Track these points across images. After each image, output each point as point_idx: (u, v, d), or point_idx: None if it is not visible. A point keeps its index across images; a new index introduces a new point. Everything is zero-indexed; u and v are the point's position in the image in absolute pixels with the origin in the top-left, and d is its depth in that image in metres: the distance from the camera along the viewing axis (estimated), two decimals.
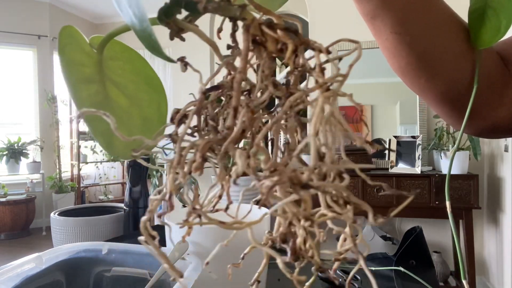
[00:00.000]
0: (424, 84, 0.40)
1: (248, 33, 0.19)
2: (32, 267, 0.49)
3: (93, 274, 0.55)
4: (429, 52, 0.38)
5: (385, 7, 0.35)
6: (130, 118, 0.26)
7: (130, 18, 0.20)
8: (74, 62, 0.25)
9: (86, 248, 0.56)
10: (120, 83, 0.26)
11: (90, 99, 0.24)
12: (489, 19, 0.33)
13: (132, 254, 0.54)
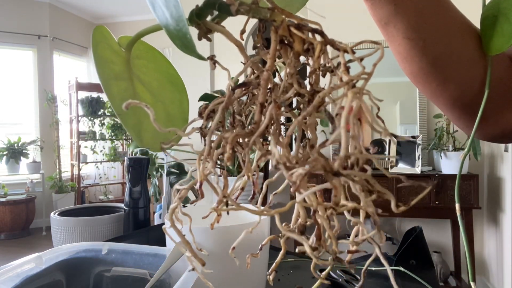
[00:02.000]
0: (436, 89, 0.41)
1: (277, 34, 0.20)
2: (32, 267, 0.49)
3: (93, 274, 0.55)
4: (441, 57, 0.38)
5: (398, 13, 0.36)
6: (156, 114, 0.27)
7: (165, 19, 0.21)
8: (105, 59, 0.26)
9: (86, 248, 0.56)
10: (145, 80, 0.28)
11: (120, 95, 0.26)
12: (501, 25, 0.34)
13: (132, 254, 0.54)
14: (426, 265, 0.70)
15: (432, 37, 0.37)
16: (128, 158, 0.96)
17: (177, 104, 0.29)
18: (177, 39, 0.21)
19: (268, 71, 0.19)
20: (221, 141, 0.19)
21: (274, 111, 0.19)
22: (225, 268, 0.54)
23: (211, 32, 0.22)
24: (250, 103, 0.22)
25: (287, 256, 0.83)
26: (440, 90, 0.41)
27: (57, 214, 0.97)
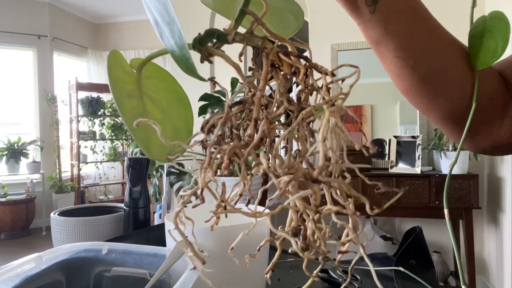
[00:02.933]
0: (428, 104, 0.43)
1: (268, 59, 0.23)
2: (32, 267, 0.49)
3: (93, 274, 0.55)
4: (431, 74, 0.40)
5: (388, 34, 0.38)
6: (163, 129, 0.30)
7: (171, 46, 0.25)
8: (118, 79, 0.29)
9: (86, 248, 0.56)
10: (155, 98, 0.31)
11: (132, 112, 0.28)
12: (487, 42, 0.36)
13: (132, 254, 0.54)
14: (426, 265, 0.70)
15: (421, 55, 0.40)
16: (128, 158, 0.96)
17: (183, 119, 0.32)
18: (181, 63, 0.24)
19: (261, 91, 0.23)
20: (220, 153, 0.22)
21: (266, 126, 0.22)
22: (225, 268, 0.54)
23: (212, 56, 0.25)
24: (247, 118, 0.25)
25: (287, 256, 0.83)
26: (431, 105, 0.43)
27: (57, 214, 0.97)
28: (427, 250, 0.72)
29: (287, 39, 0.27)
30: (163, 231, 0.59)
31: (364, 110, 2.82)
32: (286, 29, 0.34)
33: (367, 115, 2.82)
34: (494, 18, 0.36)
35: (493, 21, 0.36)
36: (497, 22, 0.36)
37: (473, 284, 2.26)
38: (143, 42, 5.61)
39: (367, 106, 2.81)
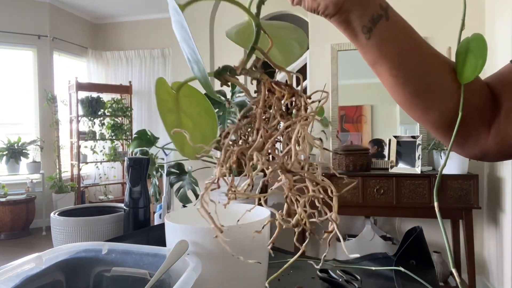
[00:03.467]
0: (421, 115, 0.49)
1: (265, 86, 0.32)
2: (32, 267, 0.49)
3: (93, 274, 0.55)
4: (421, 90, 0.46)
5: (382, 57, 0.44)
6: (194, 135, 0.40)
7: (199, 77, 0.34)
8: (162, 99, 0.38)
9: (86, 248, 0.56)
10: (188, 112, 0.40)
11: (172, 123, 0.38)
12: (469, 60, 0.41)
13: (132, 254, 0.54)
14: (426, 265, 0.70)
15: (411, 74, 0.45)
16: (128, 158, 0.96)
17: (209, 127, 0.41)
18: (205, 87, 0.34)
19: (260, 109, 0.31)
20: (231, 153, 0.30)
21: (263, 133, 0.30)
22: (225, 268, 0.54)
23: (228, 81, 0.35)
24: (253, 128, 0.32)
25: (287, 256, 0.83)
26: (424, 116, 0.48)
27: (57, 214, 0.97)
28: (427, 250, 0.72)
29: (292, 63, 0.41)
30: (163, 231, 0.59)
31: (364, 110, 2.82)
32: (291, 55, 0.43)
33: (367, 115, 2.82)
34: (475, 39, 0.41)
35: (474, 42, 0.41)
36: (477, 43, 0.41)
37: (473, 284, 2.26)
38: (143, 42, 5.61)
39: (367, 106, 2.81)
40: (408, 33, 0.45)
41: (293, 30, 0.44)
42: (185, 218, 0.66)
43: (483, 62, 0.38)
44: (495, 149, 0.49)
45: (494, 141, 0.49)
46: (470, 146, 0.50)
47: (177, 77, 3.04)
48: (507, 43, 2.17)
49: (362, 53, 0.45)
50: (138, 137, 2.46)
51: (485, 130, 0.49)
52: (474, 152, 0.51)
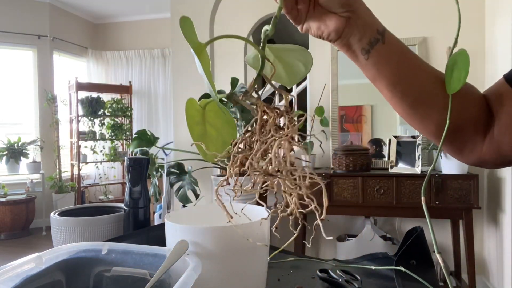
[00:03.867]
0: (419, 126, 0.54)
1: (260, 109, 0.40)
2: (32, 267, 0.49)
3: (93, 274, 0.55)
4: (418, 103, 0.51)
5: (379, 74, 0.50)
6: (217, 142, 0.49)
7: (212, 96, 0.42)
8: (192, 115, 0.47)
9: (86, 248, 0.56)
10: (213, 123, 0.49)
11: (198, 134, 0.47)
12: (455, 73, 0.45)
13: (132, 254, 0.54)
14: (426, 265, 0.70)
15: (407, 89, 0.51)
16: (128, 158, 0.96)
17: (230, 135, 0.49)
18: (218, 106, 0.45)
19: (258, 125, 0.39)
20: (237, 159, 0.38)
21: (260, 144, 0.38)
22: (225, 268, 0.54)
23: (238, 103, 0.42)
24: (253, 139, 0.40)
25: (287, 256, 0.83)
26: (422, 126, 0.54)
27: (57, 214, 0.97)
28: (427, 250, 0.72)
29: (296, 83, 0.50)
30: (163, 231, 0.59)
31: (364, 110, 2.82)
32: (296, 76, 0.49)
33: (367, 115, 2.82)
34: (460, 54, 0.45)
35: (459, 57, 0.45)
36: (462, 58, 0.45)
37: (473, 284, 2.26)
38: (143, 42, 5.61)
39: (367, 106, 2.81)
40: (402, 53, 0.50)
41: (300, 52, 0.49)
42: (185, 218, 0.66)
43: (466, 74, 0.43)
44: (491, 157, 0.53)
45: (489, 150, 0.53)
46: (468, 154, 0.55)
47: (177, 77, 3.04)
48: (507, 43, 2.17)
49: (363, 71, 0.51)
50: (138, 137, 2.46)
51: (481, 140, 0.53)
52: (472, 160, 0.55)
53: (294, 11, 0.48)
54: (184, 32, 0.41)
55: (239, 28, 3.67)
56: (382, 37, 0.49)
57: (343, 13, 0.47)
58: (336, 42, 0.49)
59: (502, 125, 0.51)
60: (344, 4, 0.46)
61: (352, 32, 0.47)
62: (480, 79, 2.57)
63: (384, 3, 2.74)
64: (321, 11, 0.47)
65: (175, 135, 3.10)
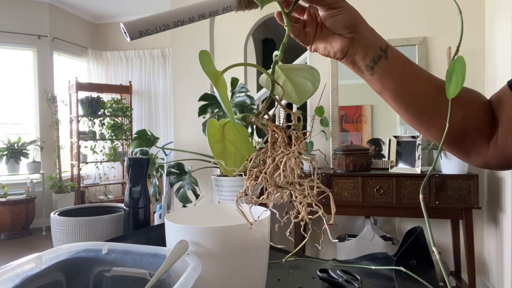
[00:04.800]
0: (425, 133, 0.57)
1: (269, 128, 0.44)
2: (32, 267, 0.49)
3: (93, 274, 0.55)
4: (422, 112, 0.54)
5: (384, 88, 0.54)
6: (235, 157, 0.53)
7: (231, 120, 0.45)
8: (212, 134, 0.52)
9: (86, 248, 0.56)
10: (231, 140, 0.53)
11: (218, 150, 0.52)
12: (453, 78, 0.47)
13: (132, 254, 0.54)
14: (426, 265, 0.70)
15: (411, 100, 0.54)
16: (128, 158, 0.96)
17: (247, 150, 0.54)
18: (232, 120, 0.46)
19: (270, 143, 0.43)
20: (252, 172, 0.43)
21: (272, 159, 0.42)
22: (225, 268, 0.54)
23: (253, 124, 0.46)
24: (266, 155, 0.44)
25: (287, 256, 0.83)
26: (428, 133, 0.57)
27: (57, 214, 0.97)
28: (427, 250, 0.72)
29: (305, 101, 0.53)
30: (163, 231, 0.59)
31: (364, 110, 2.82)
32: (305, 94, 0.52)
33: (367, 115, 2.82)
34: (457, 61, 0.48)
35: (457, 63, 0.48)
36: (459, 64, 0.47)
37: (473, 284, 2.26)
38: (143, 42, 5.61)
39: (367, 106, 2.81)
40: (405, 66, 0.54)
41: (309, 71, 0.52)
42: (185, 218, 0.66)
43: (463, 80, 0.46)
44: (496, 160, 0.55)
45: (494, 154, 0.55)
46: (474, 158, 0.57)
47: (177, 77, 3.04)
48: (507, 43, 2.17)
49: (369, 85, 0.55)
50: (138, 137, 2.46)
51: (485, 144, 0.55)
52: (479, 163, 0.58)
53: (302, 35, 0.53)
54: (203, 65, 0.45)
55: (239, 27, 3.67)
56: (385, 54, 0.52)
57: (347, 35, 0.51)
58: (342, 60, 0.53)
59: (504, 129, 0.54)
60: (348, 26, 0.50)
61: (356, 51, 0.52)
62: (480, 79, 2.57)
63: (384, 3, 2.74)
64: (327, 33, 0.52)
65: (175, 135, 3.10)
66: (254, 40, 4.70)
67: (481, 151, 0.56)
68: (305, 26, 0.53)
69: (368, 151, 2.56)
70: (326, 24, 0.51)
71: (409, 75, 0.53)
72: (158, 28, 0.45)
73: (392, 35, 2.71)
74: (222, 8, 0.47)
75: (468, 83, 2.68)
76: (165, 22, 0.46)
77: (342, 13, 0.49)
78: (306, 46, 0.55)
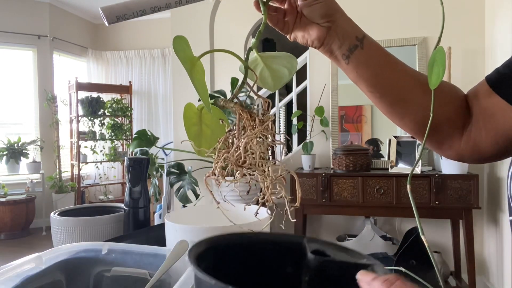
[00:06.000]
0: (399, 123, 0.59)
1: (236, 111, 0.46)
2: (32, 267, 0.49)
3: (93, 274, 0.55)
4: (396, 102, 0.57)
5: (359, 77, 0.56)
6: (210, 139, 0.54)
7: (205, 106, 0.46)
8: (189, 117, 0.53)
9: (86, 248, 0.56)
10: (208, 124, 0.54)
11: (194, 133, 0.53)
12: (435, 69, 0.48)
13: (132, 254, 0.54)
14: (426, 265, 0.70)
15: (385, 90, 0.56)
16: (128, 158, 0.96)
17: (222, 133, 0.53)
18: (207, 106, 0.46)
19: (237, 126, 0.45)
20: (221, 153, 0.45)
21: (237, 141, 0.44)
22: None
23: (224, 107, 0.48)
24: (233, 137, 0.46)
25: None
26: (402, 123, 0.58)
27: (57, 214, 0.97)
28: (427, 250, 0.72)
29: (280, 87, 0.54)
30: (163, 231, 0.59)
31: (364, 110, 2.82)
32: (280, 80, 0.53)
33: (367, 115, 2.82)
34: (438, 52, 0.48)
35: (438, 54, 0.49)
36: (439, 54, 0.48)
37: (473, 284, 2.26)
38: (143, 42, 5.61)
39: (367, 106, 2.81)
40: (381, 57, 0.55)
41: (286, 58, 0.54)
42: (185, 218, 0.66)
43: (443, 70, 0.47)
44: (469, 152, 0.57)
45: (467, 147, 0.56)
46: (446, 149, 0.59)
47: (177, 77, 3.04)
48: (507, 43, 2.17)
49: (346, 74, 0.57)
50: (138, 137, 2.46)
51: (458, 136, 0.57)
52: (452, 155, 0.59)
53: (281, 23, 0.54)
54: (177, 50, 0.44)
55: (239, 27, 3.67)
56: (361, 43, 0.54)
57: (324, 24, 0.52)
58: (320, 48, 0.55)
59: (478, 121, 0.55)
60: (324, 16, 0.52)
61: (333, 40, 0.53)
62: (480, 79, 2.55)
63: (384, 3, 2.74)
64: (306, 22, 0.53)
65: (175, 135, 3.10)
66: None
67: (454, 143, 0.57)
68: (285, 15, 0.54)
69: (368, 151, 2.56)
70: (304, 13, 0.52)
71: (384, 65, 0.55)
72: (135, 13, 0.45)
73: (392, 35, 2.71)
74: None
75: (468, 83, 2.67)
76: (142, 8, 0.46)
77: (319, 3, 0.51)
78: (285, 34, 0.56)
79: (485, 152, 0.55)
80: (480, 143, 0.55)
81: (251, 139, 0.41)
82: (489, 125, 0.54)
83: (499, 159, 0.56)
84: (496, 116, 0.53)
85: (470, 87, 0.59)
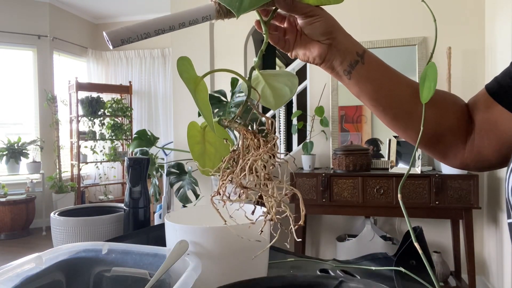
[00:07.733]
0: (402, 134, 0.59)
1: (241, 132, 0.45)
2: (32, 267, 0.49)
3: (93, 274, 0.55)
4: (398, 115, 0.57)
5: (361, 91, 0.56)
6: (215, 158, 0.55)
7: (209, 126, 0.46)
8: (193, 136, 0.53)
9: (86, 248, 0.56)
10: (211, 142, 0.55)
11: (198, 151, 0.54)
12: (426, 83, 0.49)
13: (132, 254, 0.54)
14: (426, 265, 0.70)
15: (387, 104, 0.56)
16: (128, 158, 0.96)
17: (227, 151, 0.54)
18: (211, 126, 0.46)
19: (241, 146, 0.45)
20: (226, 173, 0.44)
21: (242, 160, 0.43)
22: (225, 268, 0.54)
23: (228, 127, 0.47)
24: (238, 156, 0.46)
25: (287, 256, 0.83)
26: (405, 135, 0.59)
27: (57, 214, 0.97)
28: (427, 250, 0.72)
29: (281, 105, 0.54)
30: (163, 231, 0.59)
31: (364, 110, 2.82)
32: (281, 99, 0.53)
33: (367, 115, 2.82)
34: (429, 68, 0.49)
35: (429, 70, 0.49)
36: (431, 70, 0.48)
37: (473, 284, 2.26)
38: (143, 42, 5.60)
39: None
40: (382, 71, 0.56)
41: (288, 76, 0.54)
42: (185, 218, 0.66)
43: (435, 85, 0.47)
44: (473, 161, 0.57)
45: (471, 155, 0.57)
46: (451, 159, 0.59)
47: (177, 77, 3.04)
48: (507, 43, 2.17)
49: (348, 88, 0.57)
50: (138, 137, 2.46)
51: (462, 146, 0.57)
52: (456, 164, 0.60)
53: (282, 42, 0.55)
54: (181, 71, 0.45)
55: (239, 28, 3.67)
56: (362, 59, 0.54)
57: (325, 41, 0.53)
58: (321, 65, 0.55)
59: (480, 131, 0.56)
60: (325, 33, 0.52)
61: (334, 56, 0.54)
62: (479, 79, 2.57)
63: (384, 3, 2.74)
64: (306, 40, 0.54)
65: (175, 135, 3.10)
66: (254, 41, 4.70)
67: (458, 152, 0.58)
68: (285, 34, 0.55)
69: (368, 151, 2.56)
70: (304, 32, 0.53)
71: (385, 79, 0.55)
72: (139, 36, 0.46)
73: (392, 35, 2.71)
74: (202, 17, 0.48)
75: (468, 83, 2.68)
76: (146, 31, 0.47)
77: (319, 21, 0.51)
78: (286, 52, 0.57)
79: (489, 160, 0.56)
80: (484, 152, 0.55)
81: (256, 160, 0.42)
82: (492, 133, 0.54)
83: (503, 166, 0.56)
84: (498, 125, 0.54)
85: (470, 87, 0.59)
